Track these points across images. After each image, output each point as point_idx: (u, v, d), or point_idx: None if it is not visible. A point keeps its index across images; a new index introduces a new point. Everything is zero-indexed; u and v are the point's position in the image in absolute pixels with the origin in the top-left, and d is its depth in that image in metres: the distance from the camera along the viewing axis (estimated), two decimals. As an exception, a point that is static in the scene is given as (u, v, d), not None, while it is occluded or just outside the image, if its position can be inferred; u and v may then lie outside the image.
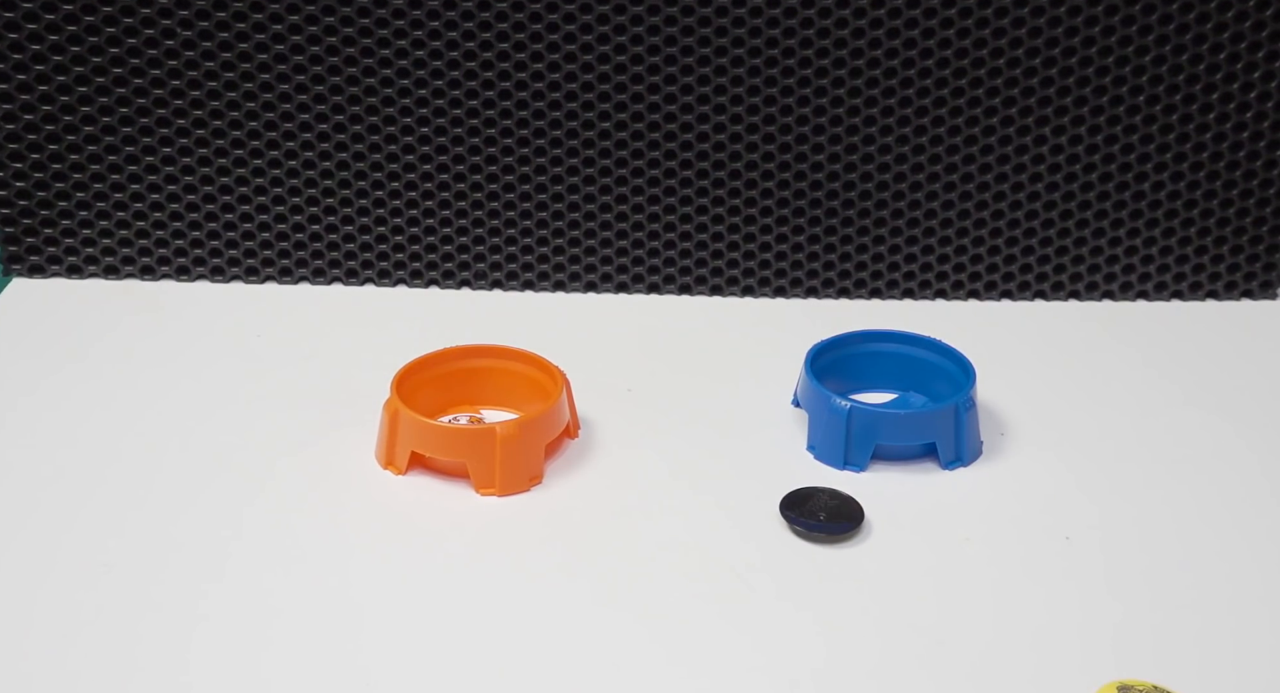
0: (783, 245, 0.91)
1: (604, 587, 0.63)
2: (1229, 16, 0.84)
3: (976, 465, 0.74)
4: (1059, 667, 0.59)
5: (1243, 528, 0.69)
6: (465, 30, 0.84)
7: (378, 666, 0.58)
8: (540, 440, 0.71)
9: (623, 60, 0.85)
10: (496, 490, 0.70)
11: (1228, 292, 0.93)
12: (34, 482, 0.70)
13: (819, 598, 0.63)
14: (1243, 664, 0.59)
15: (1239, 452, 0.75)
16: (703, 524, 0.68)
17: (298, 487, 0.70)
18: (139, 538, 0.66)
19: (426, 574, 0.64)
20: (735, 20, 0.83)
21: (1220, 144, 0.88)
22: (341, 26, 0.84)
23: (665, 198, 0.90)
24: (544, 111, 0.87)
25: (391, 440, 0.71)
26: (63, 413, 0.76)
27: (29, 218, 0.90)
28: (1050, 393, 0.81)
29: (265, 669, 0.58)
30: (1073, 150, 0.88)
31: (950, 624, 0.61)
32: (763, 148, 0.88)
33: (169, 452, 0.73)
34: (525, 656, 0.59)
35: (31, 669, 0.57)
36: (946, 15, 0.83)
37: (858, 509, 0.68)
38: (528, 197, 0.90)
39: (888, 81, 0.86)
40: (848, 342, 0.79)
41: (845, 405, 0.72)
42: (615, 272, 0.92)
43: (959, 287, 0.93)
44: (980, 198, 0.89)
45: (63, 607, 0.61)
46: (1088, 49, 0.84)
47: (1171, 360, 0.85)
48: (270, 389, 0.79)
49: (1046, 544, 0.67)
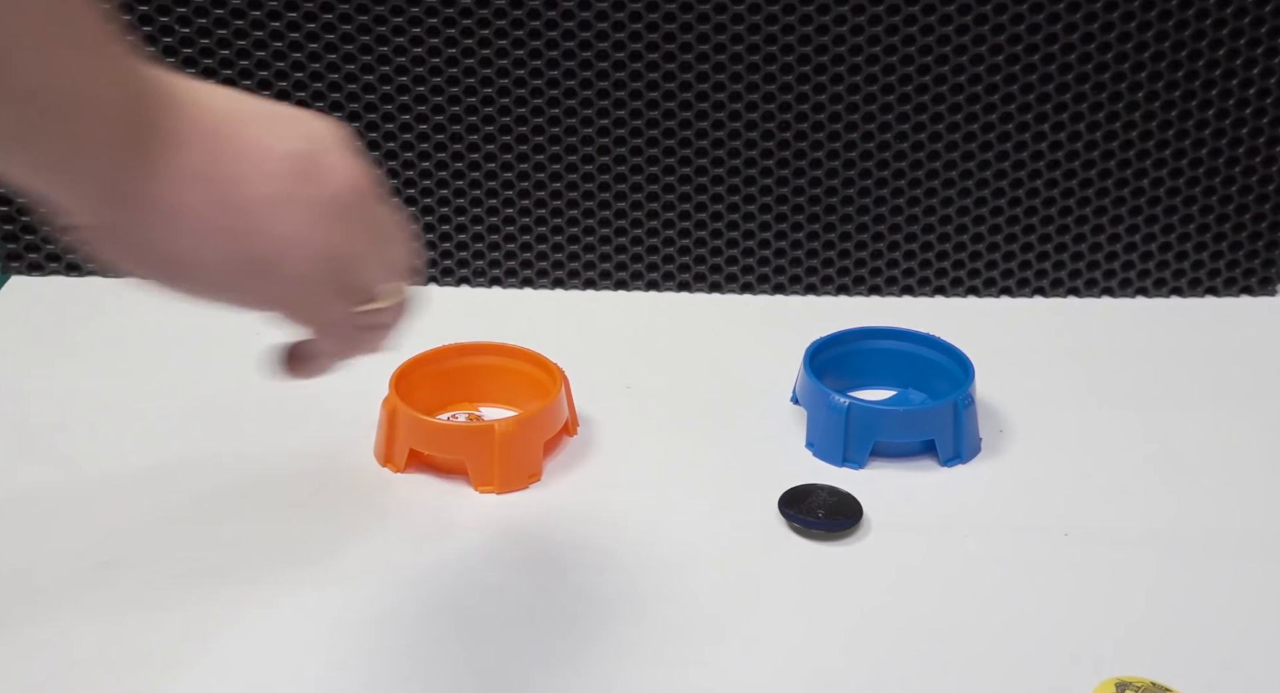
0: (781, 242, 0.91)
1: (603, 585, 0.63)
2: (1228, 13, 0.83)
3: (975, 462, 0.74)
4: (1058, 663, 0.59)
5: (1242, 525, 0.69)
6: (464, 27, 0.84)
7: (377, 664, 0.58)
8: (539, 438, 0.71)
9: (621, 57, 0.85)
10: (495, 488, 0.70)
11: (1227, 288, 0.93)
12: (32, 479, 0.70)
13: (817, 595, 0.63)
14: (1241, 662, 0.59)
15: (1238, 448, 0.75)
16: (701, 521, 0.68)
17: (297, 485, 0.70)
18: (137, 536, 0.66)
19: (425, 572, 0.64)
20: (734, 17, 0.83)
21: (1219, 140, 0.88)
22: (340, 24, 0.84)
23: (664, 195, 0.90)
24: (543, 109, 0.87)
25: (390, 438, 0.71)
26: (61, 410, 0.76)
27: (27, 215, 0.90)
28: (1049, 390, 0.81)
29: (265, 668, 0.58)
30: (1072, 147, 0.88)
31: (949, 621, 0.61)
32: (761, 145, 0.88)
33: (167, 450, 0.73)
34: (524, 653, 0.59)
35: (32, 669, 0.57)
36: (945, 11, 0.83)
37: (856, 506, 0.68)
38: (526, 194, 0.90)
39: (886, 78, 0.85)
40: (846, 339, 0.79)
41: (844, 402, 0.72)
42: (614, 269, 0.92)
43: (958, 283, 0.93)
44: (979, 195, 0.89)
45: (62, 606, 0.61)
46: (1086, 45, 0.84)
47: (1171, 357, 0.85)
48: (269, 387, 0.79)
49: (1045, 541, 0.67)
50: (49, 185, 0.41)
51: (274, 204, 0.43)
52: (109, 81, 0.39)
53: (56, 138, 0.38)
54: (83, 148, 0.39)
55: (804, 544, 0.67)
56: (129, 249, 0.43)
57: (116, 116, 0.39)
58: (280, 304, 0.46)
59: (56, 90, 0.37)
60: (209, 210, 0.42)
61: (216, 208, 0.42)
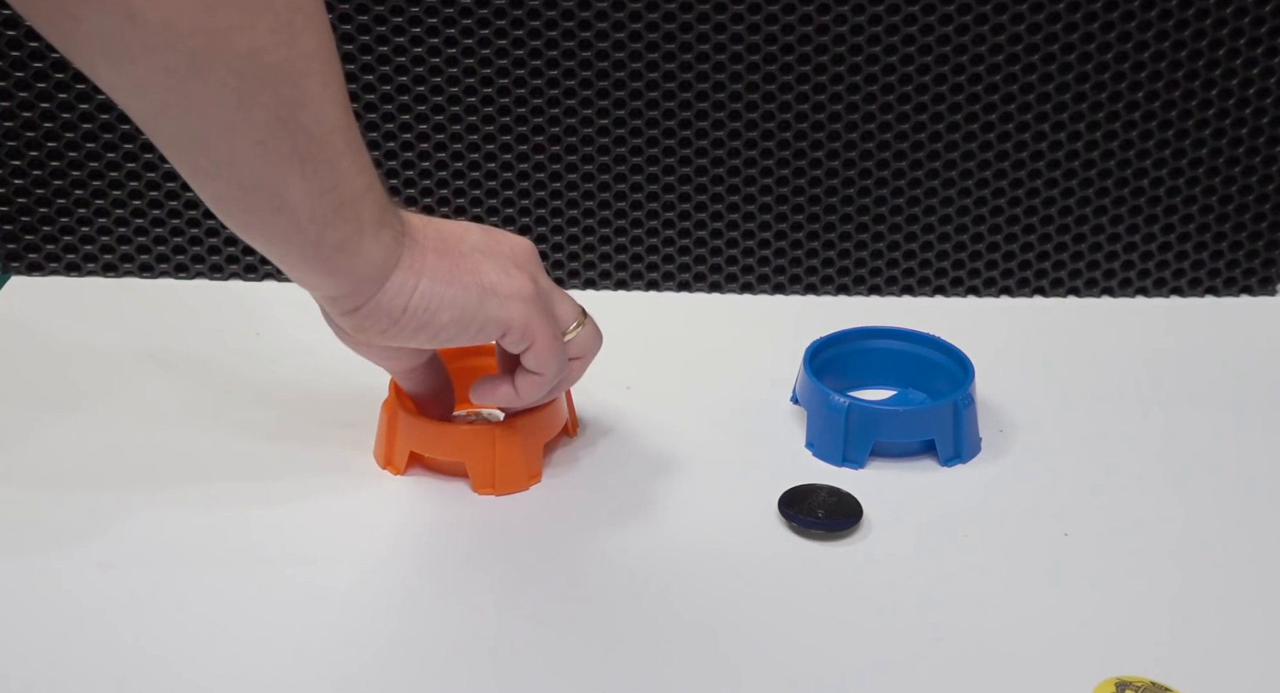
0: (781, 242, 0.91)
1: (605, 586, 0.63)
2: (1228, 13, 0.83)
3: (975, 462, 0.74)
4: (1057, 663, 0.59)
5: (1242, 525, 0.69)
6: (464, 27, 0.84)
7: (377, 666, 0.58)
8: (539, 439, 0.71)
9: (621, 57, 0.85)
10: (495, 490, 0.70)
11: (1227, 288, 0.93)
12: (32, 480, 0.70)
13: (817, 595, 0.63)
14: (1241, 662, 0.59)
15: (1238, 449, 0.75)
16: (701, 521, 0.68)
17: (296, 487, 0.70)
18: (137, 537, 0.66)
19: (427, 574, 0.64)
20: (734, 17, 0.83)
21: (1219, 140, 0.88)
22: (339, 23, 0.84)
23: (664, 195, 0.90)
24: (543, 109, 0.87)
25: (390, 440, 0.71)
26: (61, 411, 0.76)
27: (27, 215, 0.90)
28: (1049, 390, 0.81)
29: (264, 670, 0.58)
30: (1072, 147, 0.88)
31: (948, 621, 0.61)
32: (761, 144, 0.88)
33: (167, 451, 0.73)
34: (525, 655, 0.59)
35: (31, 669, 0.57)
36: (945, 11, 0.83)
37: (856, 506, 0.68)
38: (526, 194, 0.90)
39: (886, 78, 0.85)
40: (846, 338, 0.79)
41: (844, 402, 0.72)
42: (614, 269, 0.92)
43: (958, 283, 0.93)
44: (979, 194, 0.89)
45: (61, 606, 0.61)
46: (1086, 45, 0.84)
47: (1171, 357, 0.85)
48: (268, 389, 0.79)
49: (1045, 541, 0.67)
50: (328, 287, 0.59)
51: (478, 254, 0.62)
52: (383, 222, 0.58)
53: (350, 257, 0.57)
54: (360, 265, 0.58)
55: (804, 544, 0.67)
56: (386, 313, 0.59)
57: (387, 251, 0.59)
58: (508, 325, 0.62)
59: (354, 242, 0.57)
60: (439, 261, 0.60)
61: (442, 258, 0.60)
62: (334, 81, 0.53)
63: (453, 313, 0.60)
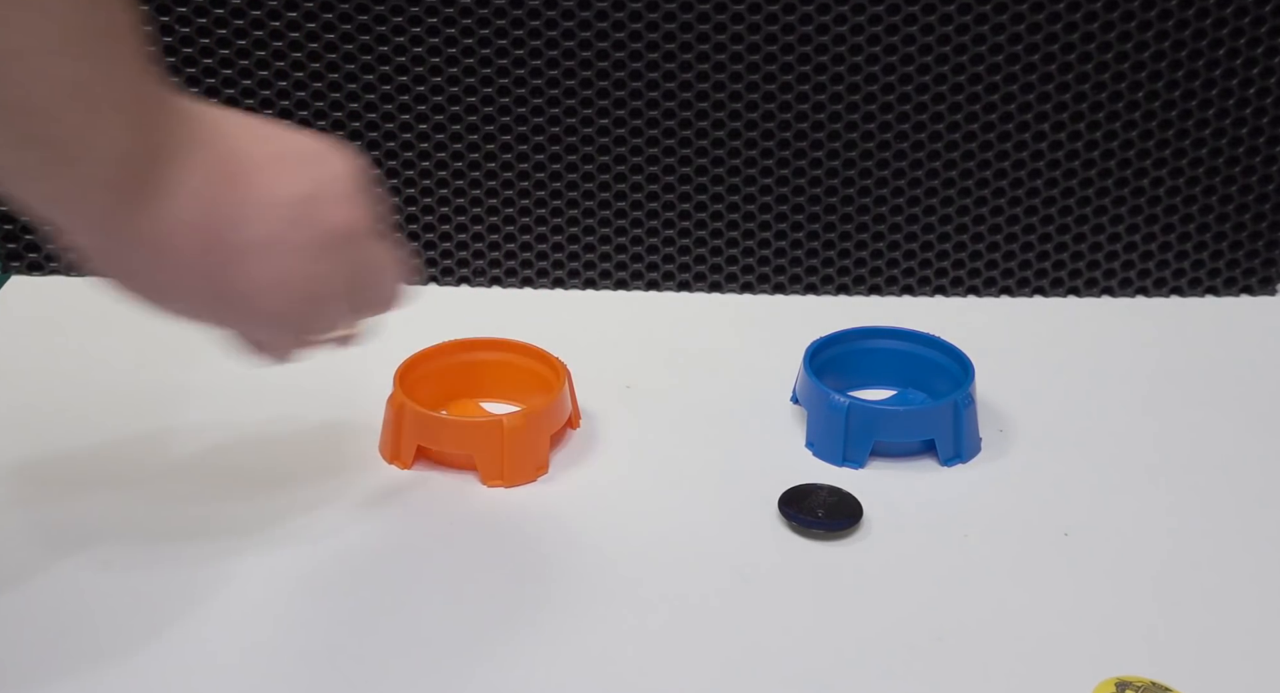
0: (781, 242, 0.91)
1: (604, 585, 0.63)
2: (1228, 13, 0.83)
3: (975, 462, 0.74)
4: (1058, 663, 0.59)
5: (1242, 525, 0.69)
6: (464, 27, 0.84)
7: (386, 659, 0.58)
8: (546, 431, 0.71)
9: (621, 57, 0.85)
10: (504, 482, 0.70)
11: (1227, 288, 0.93)
12: (32, 479, 0.70)
13: (817, 595, 0.63)
14: (1241, 662, 0.59)
15: (1238, 448, 0.75)
16: (701, 521, 0.68)
17: (304, 484, 0.70)
18: (140, 535, 0.66)
19: (439, 566, 0.64)
20: (734, 17, 0.83)
21: (1219, 140, 0.88)
22: (339, 23, 0.84)
23: (664, 195, 0.90)
24: (543, 108, 0.87)
25: (397, 435, 0.71)
26: (62, 410, 0.76)
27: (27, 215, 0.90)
28: (1049, 390, 0.81)
29: (271, 665, 0.58)
30: (1072, 147, 0.88)
31: (949, 621, 0.61)
32: (761, 144, 0.88)
33: (171, 448, 0.73)
34: (533, 649, 0.59)
35: (31, 669, 0.57)
36: (945, 11, 0.83)
37: (856, 506, 0.68)
38: (526, 193, 0.90)
39: (886, 78, 0.85)
40: (846, 338, 0.79)
41: (844, 402, 0.72)
42: (614, 268, 0.92)
43: (958, 283, 0.93)
44: (979, 194, 0.89)
45: (62, 605, 0.61)
46: (1086, 45, 0.84)
47: (1171, 357, 0.85)
48: (273, 386, 0.79)
49: (1045, 540, 0.67)
50: (50, 213, 0.47)
51: (263, 247, 0.48)
52: (122, 134, 0.43)
53: (63, 178, 0.43)
54: (84, 191, 0.44)
55: (804, 544, 0.67)
56: (117, 270, 0.49)
57: (120, 167, 0.44)
58: (242, 331, 0.53)
59: (67, 140, 0.42)
60: (196, 252, 0.47)
61: (204, 250, 0.47)
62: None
63: (176, 304, 0.52)
